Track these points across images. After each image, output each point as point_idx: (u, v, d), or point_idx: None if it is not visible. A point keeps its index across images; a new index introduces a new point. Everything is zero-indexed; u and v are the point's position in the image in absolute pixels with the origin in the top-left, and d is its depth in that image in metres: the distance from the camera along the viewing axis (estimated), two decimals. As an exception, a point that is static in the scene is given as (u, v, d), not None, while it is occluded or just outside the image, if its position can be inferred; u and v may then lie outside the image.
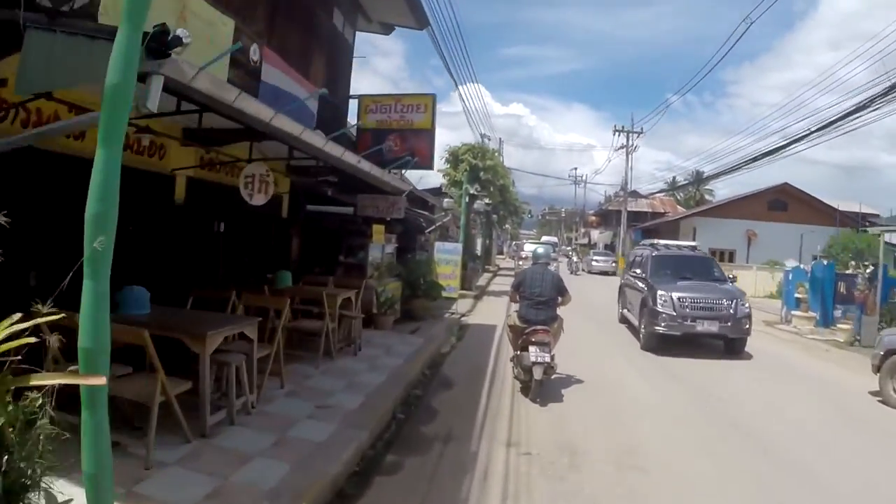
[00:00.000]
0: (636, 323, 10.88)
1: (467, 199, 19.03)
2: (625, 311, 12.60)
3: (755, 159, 22.81)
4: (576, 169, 67.37)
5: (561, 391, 6.88)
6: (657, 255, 11.82)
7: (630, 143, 37.95)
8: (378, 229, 10.35)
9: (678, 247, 13.24)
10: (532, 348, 6.29)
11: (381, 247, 10.95)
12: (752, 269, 23.01)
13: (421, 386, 6.92)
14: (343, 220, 11.64)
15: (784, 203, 28.02)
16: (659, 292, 9.77)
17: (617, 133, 38.46)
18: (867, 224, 26.93)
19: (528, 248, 31.54)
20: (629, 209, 52.77)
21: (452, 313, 13.41)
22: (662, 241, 14.09)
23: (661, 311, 9.59)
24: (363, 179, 7.94)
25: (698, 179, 49.55)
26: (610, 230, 47.02)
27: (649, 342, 9.86)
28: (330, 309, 7.16)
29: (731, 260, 26.68)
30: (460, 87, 61.56)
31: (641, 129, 37.85)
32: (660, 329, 9.57)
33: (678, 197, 55.87)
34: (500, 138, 30.75)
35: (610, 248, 42.63)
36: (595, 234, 52.79)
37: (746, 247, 27.51)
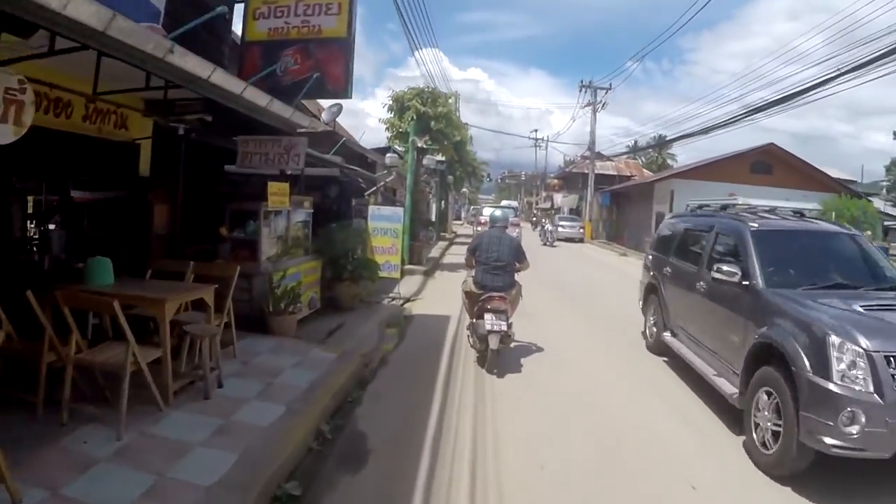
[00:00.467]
0: (708, 372, 5.37)
1: (415, 154, 15.68)
2: (668, 335, 6.73)
3: (717, 126, 22.93)
4: (536, 131, 64.06)
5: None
6: (764, 231, 5.42)
7: (597, 99, 35.19)
8: (278, 189, 7.01)
9: (794, 214, 6.29)
10: (488, 316, 5.93)
11: (285, 214, 7.69)
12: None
13: (302, 474, 3.79)
14: (242, 180, 8.30)
15: (768, 165, 25.70)
16: (835, 340, 3.73)
17: (584, 89, 35.57)
18: (846, 191, 25.13)
19: (487, 212, 28.92)
20: (585, 172, 50.77)
21: (393, 298, 10.38)
22: (754, 202, 7.05)
23: (843, 395, 3.59)
24: (251, 117, 4.98)
25: (660, 143, 47.35)
26: (575, 194, 44.33)
27: (793, 461, 3.87)
28: (160, 322, 4.33)
29: (709, 226, 24.41)
30: (417, 52, 57.08)
31: (610, 84, 35.02)
32: (841, 444, 3.57)
33: (641, 161, 53.81)
34: (456, 92, 27.15)
35: (576, 212, 40.02)
36: (558, 198, 50.15)
37: (726, 212, 25.29)
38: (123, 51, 3.45)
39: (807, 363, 3.82)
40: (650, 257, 8.14)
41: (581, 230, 30.76)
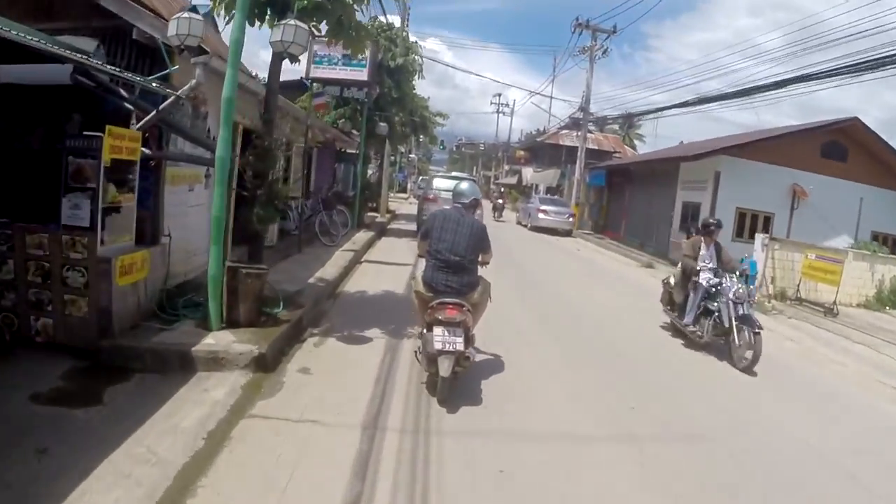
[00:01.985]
0: None
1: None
2: None
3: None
4: (499, 95, 54.82)
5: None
6: None
7: (596, 43, 26.50)
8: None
9: None
10: (438, 330, 4.19)
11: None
12: (847, 256, 12.58)
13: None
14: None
15: (843, 149, 17.74)
16: None
17: (578, 30, 26.72)
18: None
19: (441, 184, 20.05)
20: (567, 144, 42.26)
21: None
22: None
23: None
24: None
25: (628, 120, 38.80)
26: (547, 168, 35.44)
27: None
28: None
29: (766, 229, 16.33)
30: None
31: (614, 27, 26.32)
32: None
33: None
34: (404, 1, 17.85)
35: (555, 192, 31.23)
36: (528, 173, 41.18)
37: (790, 210, 17.19)
38: None
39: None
40: None
41: (570, 219, 22.29)
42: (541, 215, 21.75)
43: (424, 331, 4.43)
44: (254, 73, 11.11)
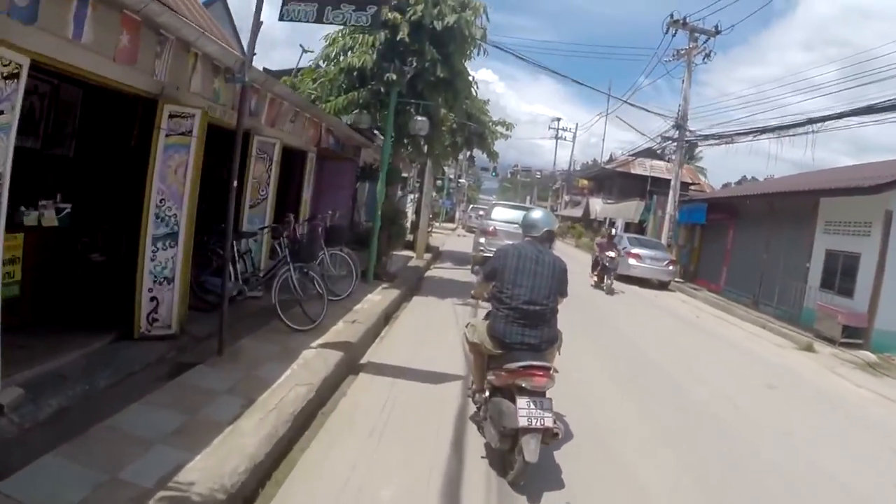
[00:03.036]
0: None
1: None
2: None
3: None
4: (559, 120, 49.04)
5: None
6: None
7: (695, 43, 21.04)
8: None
9: None
10: (522, 402, 3.38)
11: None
12: None
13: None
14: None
15: None
16: None
17: (672, 29, 21.33)
18: None
19: (502, 214, 15.71)
20: (637, 173, 36.50)
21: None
22: None
23: None
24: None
25: (691, 147, 32.18)
26: (621, 200, 29.52)
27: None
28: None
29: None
30: None
31: (717, 26, 20.82)
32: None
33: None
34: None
35: (639, 230, 25.21)
36: (596, 205, 35.30)
37: None
38: None
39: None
40: None
41: (670, 267, 16.52)
42: (632, 261, 16.08)
43: (488, 394, 3.78)
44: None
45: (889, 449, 5.28)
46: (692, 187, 33.98)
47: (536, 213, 4.16)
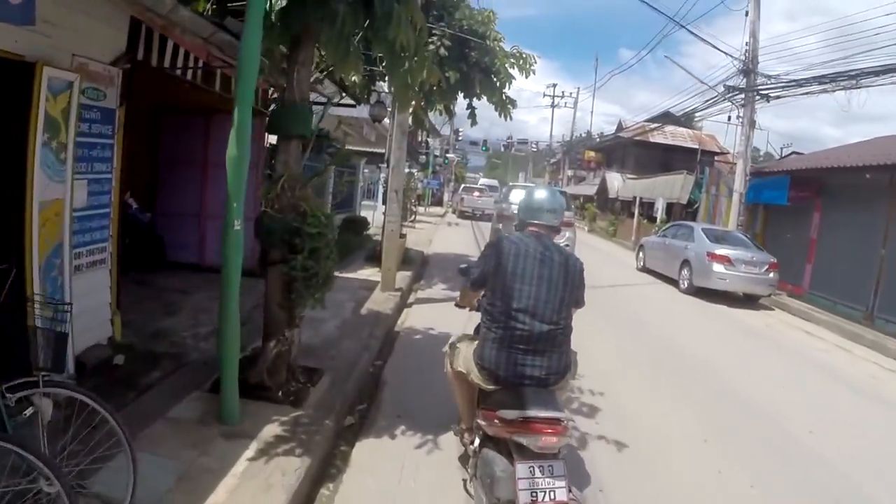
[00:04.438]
0: None
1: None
2: None
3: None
4: (554, 86, 43.14)
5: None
6: None
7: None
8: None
9: None
10: (522, 468, 2.35)
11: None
12: None
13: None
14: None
15: None
16: None
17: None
18: None
19: (519, 197, 9.88)
20: (651, 140, 31.12)
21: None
22: None
23: None
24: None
25: (688, 117, 26.91)
26: (677, 173, 23.05)
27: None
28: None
29: None
30: None
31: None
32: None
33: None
34: None
35: (691, 214, 19.41)
36: (614, 181, 29.46)
37: None
38: None
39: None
40: None
41: (771, 273, 11.30)
42: (719, 267, 10.82)
43: (477, 445, 2.74)
44: None
45: None
46: (716, 158, 28.88)
47: (542, 194, 3.00)
